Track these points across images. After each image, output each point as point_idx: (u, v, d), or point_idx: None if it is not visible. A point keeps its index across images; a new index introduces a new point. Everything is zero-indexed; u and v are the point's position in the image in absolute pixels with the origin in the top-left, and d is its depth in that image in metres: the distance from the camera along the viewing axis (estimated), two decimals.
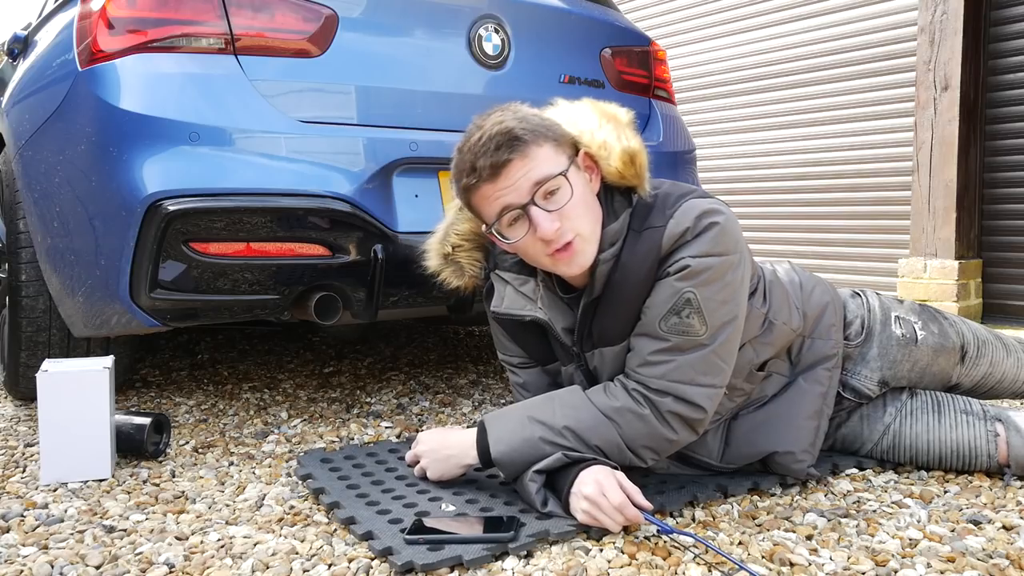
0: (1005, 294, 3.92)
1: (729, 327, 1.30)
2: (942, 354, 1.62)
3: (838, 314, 1.56)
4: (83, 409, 1.55)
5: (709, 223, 1.28)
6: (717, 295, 1.28)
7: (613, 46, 2.32)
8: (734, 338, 1.32)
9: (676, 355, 1.29)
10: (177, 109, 1.67)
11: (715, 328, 1.29)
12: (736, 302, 1.31)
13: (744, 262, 1.32)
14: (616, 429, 1.31)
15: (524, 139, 1.26)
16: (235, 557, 1.21)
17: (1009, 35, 3.85)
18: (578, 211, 1.29)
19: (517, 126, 1.27)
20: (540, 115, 1.33)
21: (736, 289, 1.30)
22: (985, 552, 1.21)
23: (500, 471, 1.38)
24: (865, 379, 1.57)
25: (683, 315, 1.28)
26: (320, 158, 1.75)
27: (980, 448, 1.52)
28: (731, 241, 1.29)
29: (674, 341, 1.29)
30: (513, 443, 1.33)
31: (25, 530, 1.33)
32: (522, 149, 1.26)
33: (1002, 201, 3.92)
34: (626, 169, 1.32)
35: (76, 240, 1.79)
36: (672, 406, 1.30)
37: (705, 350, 1.29)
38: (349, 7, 1.86)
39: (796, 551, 1.21)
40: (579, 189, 1.29)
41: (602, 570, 1.15)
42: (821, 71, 4.45)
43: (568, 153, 1.31)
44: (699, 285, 1.27)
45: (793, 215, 4.62)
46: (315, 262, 1.77)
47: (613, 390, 1.34)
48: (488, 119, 1.31)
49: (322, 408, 2.17)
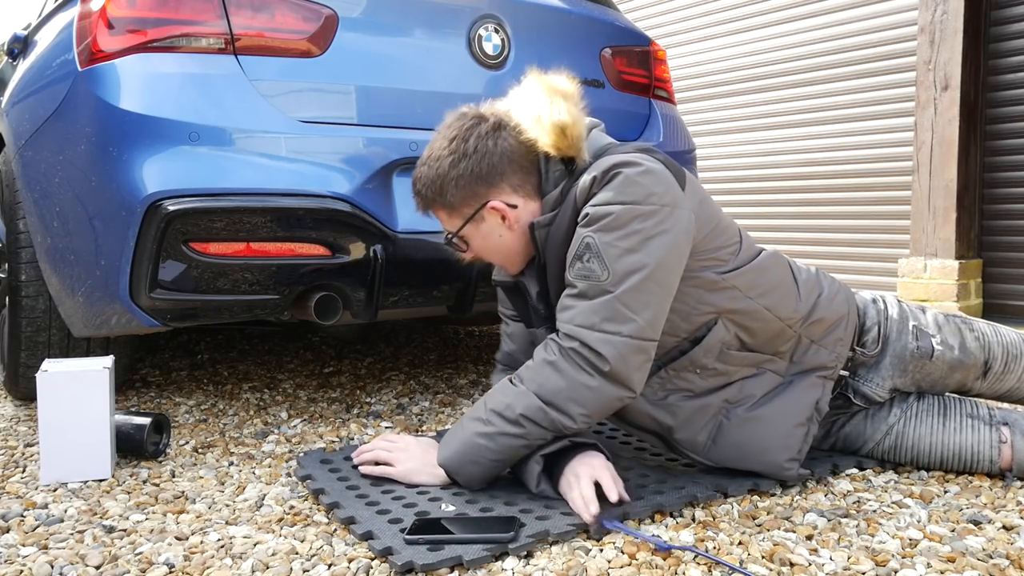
0: (1005, 294, 3.92)
1: (636, 276, 1.29)
2: (959, 370, 1.58)
3: (850, 330, 1.53)
4: (83, 409, 1.55)
5: (615, 172, 1.32)
6: (620, 242, 1.29)
7: (613, 46, 2.32)
8: (647, 288, 1.30)
9: (581, 300, 1.32)
10: (177, 109, 1.67)
11: (618, 275, 1.29)
12: (647, 252, 1.30)
13: (661, 215, 1.31)
14: (536, 391, 1.32)
15: (422, 204, 1.47)
16: (235, 557, 1.21)
17: (1009, 35, 3.85)
18: (482, 251, 1.48)
19: (421, 191, 1.46)
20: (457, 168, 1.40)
21: (646, 240, 1.30)
22: (985, 552, 1.21)
23: (456, 477, 1.41)
24: (876, 386, 1.56)
25: (584, 260, 1.31)
26: (320, 158, 1.75)
27: (983, 454, 1.52)
28: (640, 191, 1.30)
29: (580, 287, 1.32)
30: (453, 447, 1.39)
31: (25, 530, 1.33)
32: (423, 206, 1.48)
33: (1002, 201, 3.92)
34: (559, 141, 1.38)
35: (76, 240, 1.79)
36: (579, 350, 1.30)
37: (608, 296, 1.30)
38: (349, 7, 1.86)
39: (796, 551, 1.21)
40: (477, 236, 1.45)
41: (602, 570, 1.15)
42: (821, 71, 4.45)
43: (468, 212, 1.43)
44: (598, 231, 1.30)
45: (793, 215, 4.62)
46: (315, 262, 1.77)
47: (534, 353, 1.37)
48: (428, 151, 1.45)
49: (322, 408, 2.17)
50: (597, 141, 1.45)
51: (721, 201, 4.89)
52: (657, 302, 1.32)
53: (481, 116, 1.43)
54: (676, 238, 1.33)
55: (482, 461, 1.37)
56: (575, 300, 1.33)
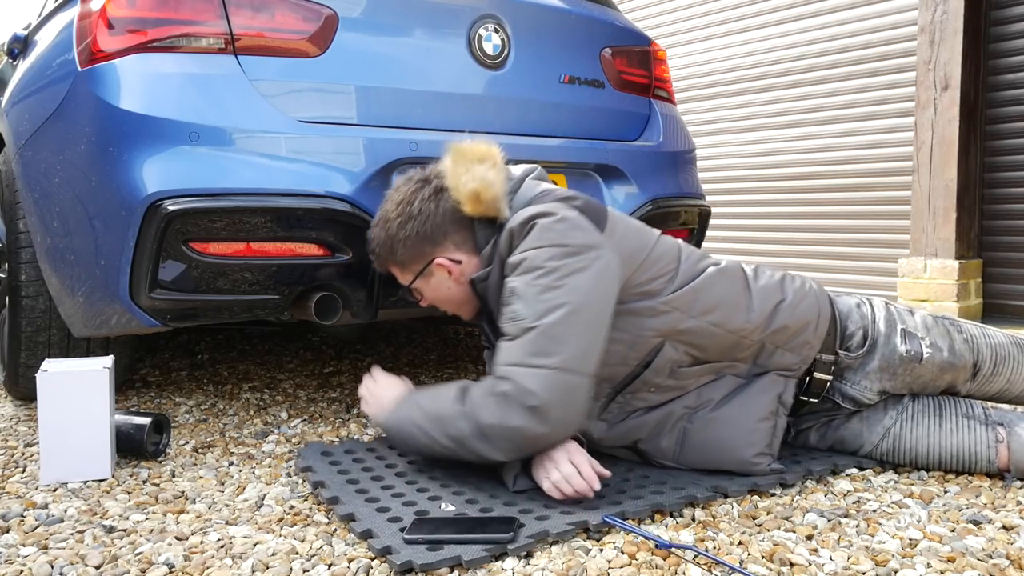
0: (1005, 294, 3.92)
1: (557, 312, 1.34)
2: (949, 371, 1.59)
3: (820, 333, 1.54)
4: (83, 409, 1.55)
5: (531, 224, 1.41)
6: (537, 281, 1.37)
7: (613, 46, 2.32)
8: (570, 322, 1.34)
9: (511, 342, 1.37)
10: (177, 109, 1.67)
11: (539, 312, 1.35)
12: (566, 290, 1.35)
13: (578, 256, 1.38)
14: (473, 419, 1.35)
15: (380, 257, 1.60)
16: (235, 557, 1.21)
17: (1009, 35, 3.85)
18: (434, 301, 1.61)
19: (375, 249, 1.60)
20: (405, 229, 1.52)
21: (563, 277, 1.36)
22: (985, 552, 1.21)
23: (391, 441, 1.53)
24: (864, 389, 1.57)
25: (510, 304, 1.39)
26: (320, 158, 1.75)
27: (980, 454, 1.52)
28: (555, 236, 1.39)
29: (508, 330, 1.39)
30: (395, 419, 1.50)
31: (25, 530, 1.33)
32: (378, 264, 1.63)
33: (1002, 201, 3.92)
34: (476, 207, 1.49)
35: (76, 240, 1.79)
36: (509, 390, 1.33)
37: (532, 332, 1.34)
38: (349, 7, 1.86)
39: (796, 551, 1.21)
40: (428, 288, 1.58)
41: (602, 570, 1.15)
42: (821, 71, 4.45)
43: (417, 268, 1.56)
44: (518, 275, 1.40)
45: (793, 215, 4.62)
46: (315, 262, 1.77)
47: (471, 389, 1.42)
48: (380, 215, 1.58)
49: (322, 408, 2.17)
50: (528, 192, 1.53)
51: (721, 201, 4.89)
52: (583, 336, 1.35)
53: (426, 179, 1.55)
54: (597, 277, 1.39)
55: (412, 445, 1.48)
56: (506, 343, 1.38)
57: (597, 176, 2.20)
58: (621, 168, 2.21)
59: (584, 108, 2.22)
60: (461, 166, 1.51)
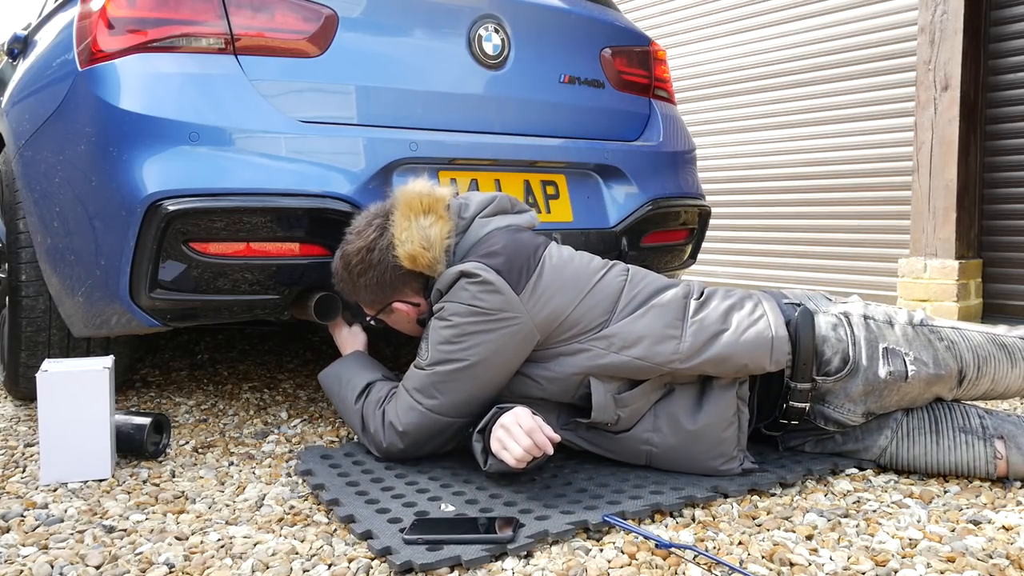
0: (1005, 294, 3.92)
1: (448, 365, 1.49)
2: (936, 384, 1.55)
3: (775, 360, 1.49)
4: (83, 409, 1.55)
5: (454, 282, 1.51)
6: (442, 331, 1.50)
7: (613, 46, 2.32)
8: (459, 377, 1.49)
9: (412, 370, 1.56)
10: (177, 109, 1.67)
11: (434, 360, 1.51)
12: (465, 348, 1.48)
13: (487, 320, 1.47)
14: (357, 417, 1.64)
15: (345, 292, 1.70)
16: (235, 557, 1.21)
17: (1009, 35, 3.85)
18: (398, 327, 1.72)
19: (341, 286, 1.69)
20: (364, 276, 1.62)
21: (465, 336, 1.48)
22: (985, 552, 1.21)
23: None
24: (849, 412, 1.55)
25: (422, 342, 1.57)
26: (320, 158, 1.75)
27: (979, 469, 1.52)
28: (468, 296, 1.48)
29: (415, 361, 1.57)
30: (330, 377, 1.74)
31: (25, 530, 1.33)
32: (344, 296, 1.72)
33: (1002, 201, 3.92)
34: (413, 266, 1.58)
35: (76, 240, 1.79)
36: (388, 410, 1.58)
37: (422, 373, 1.53)
38: (349, 7, 1.86)
39: (796, 551, 1.21)
40: (391, 320, 1.71)
41: (602, 570, 1.15)
42: (821, 71, 4.45)
43: (378, 307, 1.67)
44: (434, 319, 1.54)
45: (793, 215, 4.62)
46: (315, 262, 1.77)
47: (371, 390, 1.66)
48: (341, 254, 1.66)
49: (322, 408, 2.17)
50: (473, 236, 1.60)
51: (721, 201, 4.89)
52: (466, 389, 1.51)
53: (384, 226, 1.60)
54: (499, 340, 1.48)
55: (328, 395, 1.74)
56: (411, 368, 1.57)
57: (597, 176, 2.20)
58: (621, 168, 2.21)
59: (584, 108, 2.22)
60: (406, 219, 1.58)
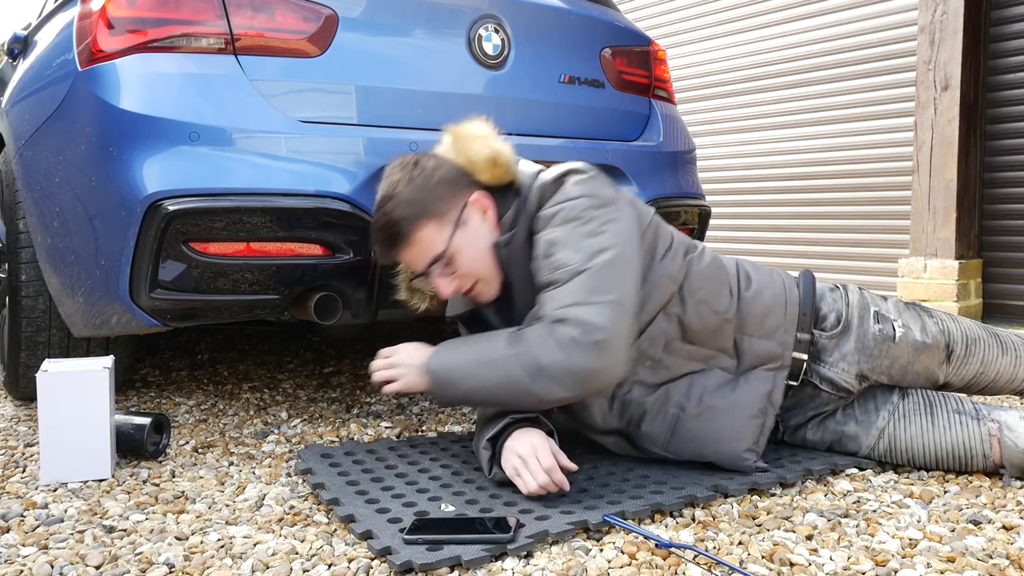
0: (1005, 294, 3.92)
1: (606, 254, 1.37)
2: (924, 352, 1.62)
3: (789, 316, 1.58)
4: (83, 409, 1.55)
5: (562, 179, 1.44)
6: (580, 228, 1.39)
7: (613, 46, 2.32)
8: (620, 264, 1.37)
9: (560, 287, 1.37)
10: (177, 109, 1.67)
11: (588, 255, 1.37)
12: (609, 236, 1.39)
13: (611, 206, 1.42)
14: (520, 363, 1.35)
15: (405, 231, 1.44)
16: (235, 557, 1.21)
17: (1009, 35, 3.85)
18: (472, 264, 1.47)
19: (401, 216, 1.44)
20: (431, 178, 1.46)
21: (603, 224, 1.40)
22: (985, 552, 1.21)
23: (434, 388, 1.44)
24: (842, 371, 1.58)
25: (552, 256, 1.39)
26: (320, 158, 1.75)
27: (975, 449, 1.53)
28: (589, 188, 1.42)
29: (555, 277, 1.38)
30: (438, 358, 1.44)
31: (25, 530, 1.33)
32: (407, 239, 1.45)
33: (1002, 201, 3.92)
34: (493, 172, 1.50)
35: (76, 240, 1.79)
36: (570, 331, 1.32)
37: (585, 274, 1.36)
38: (349, 7, 1.86)
39: (796, 551, 1.21)
40: (467, 245, 1.46)
41: (602, 570, 1.15)
42: (821, 71, 4.45)
43: (454, 215, 1.46)
44: (557, 226, 1.40)
45: (793, 215, 4.62)
46: (315, 262, 1.77)
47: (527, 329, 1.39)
48: (386, 192, 1.47)
49: (322, 408, 2.17)
50: (527, 168, 1.56)
51: (721, 201, 4.89)
52: (629, 279, 1.38)
53: (417, 158, 1.51)
54: (629, 227, 1.43)
55: (459, 389, 1.41)
56: (554, 290, 1.38)
57: None
58: (621, 168, 2.21)
59: (584, 108, 2.22)
60: (463, 141, 1.52)
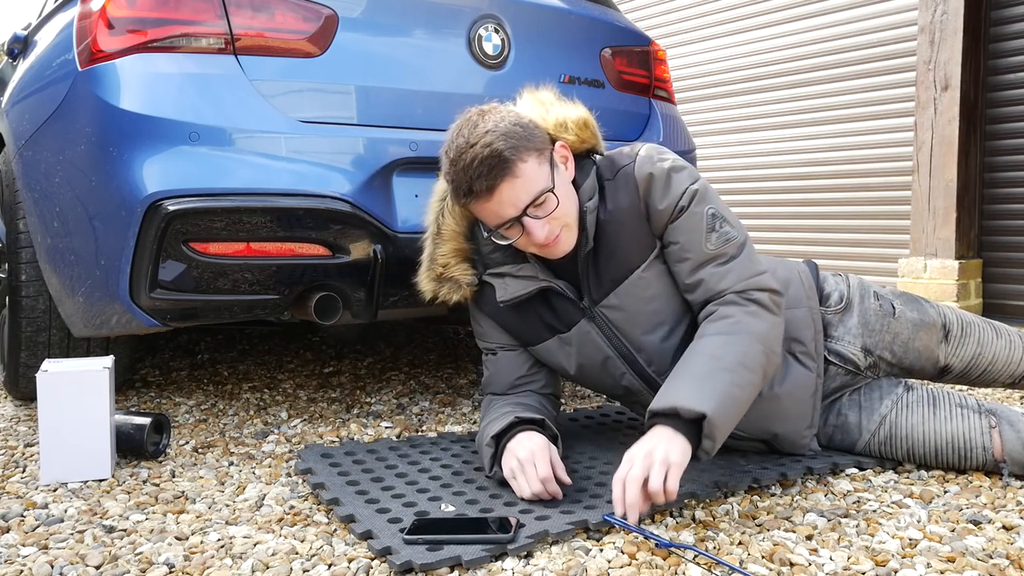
0: (1005, 294, 3.92)
1: (741, 234, 1.49)
2: (922, 329, 1.69)
3: (806, 284, 1.65)
4: (83, 409, 1.55)
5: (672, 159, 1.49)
6: (721, 204, 1.50)
7: (613, 46, 2.32)
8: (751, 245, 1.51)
9: (732, 261, 1.46)
10: (177, 109, 1.67)
11: (740, 226, 1.49)
12: (731, 218, 1.51)
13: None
14: (758, 339, 1.39)
15: (511, 160, 1.36)
16: (235, 557, 1.21)
17: (1009, 35, 3.85)
18: (567, 207, 1.43)
19: (504, 146, 1.35)
20: (519, 118, 1.43)
21: (722, 207, 1.51)
22: (985, 552, 1.21)
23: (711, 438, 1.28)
24: (848, 344, 1.64)
25: (719, 228, 1.46)
26: (320, 158, 1.75)
27: (975, 440, 1.53)
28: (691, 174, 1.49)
29: (725, 251, 1.46)
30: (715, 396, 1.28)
31: (25, 530, 1.33)
32: (511, 170, 1.36)
33: (1002, 201, 3.92)
34: (584, 133, 1.51)
35: (76, 240, 1.79)
36: (763, 297, 1.44)
37: (747, 246, 1.49)
38: (349, 7, 1.86)
39: (796, 551, 1.21)
40: (561, 189, 1.42)
41: (602, 570, 1.15)
42: (821, 71, 4.45)
43: (547, 156, 1.42)
44: (708, 202, 1.47)
45: (793, 215, 4.62)
46: (315, 262, 1.77)
47: (724, 315, 1.42)
48: (475, 131, 1.38)
49: (322, 408, 2.17)
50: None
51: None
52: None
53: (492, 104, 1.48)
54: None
55: (737, 411, 1.33)
56: (727, 265, 1.45)
57: None
58: None
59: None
60: (549, 104, 1.51)
